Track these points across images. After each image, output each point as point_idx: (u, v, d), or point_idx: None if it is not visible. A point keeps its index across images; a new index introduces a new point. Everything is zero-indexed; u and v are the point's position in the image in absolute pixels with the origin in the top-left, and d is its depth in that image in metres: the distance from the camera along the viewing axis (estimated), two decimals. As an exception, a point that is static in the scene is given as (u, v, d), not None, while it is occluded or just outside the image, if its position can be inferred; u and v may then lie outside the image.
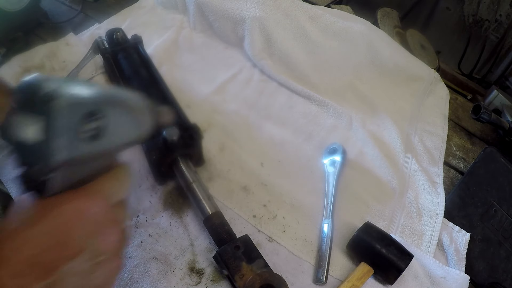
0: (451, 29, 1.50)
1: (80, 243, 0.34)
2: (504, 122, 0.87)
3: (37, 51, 0.85)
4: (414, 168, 0.82)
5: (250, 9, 0.92)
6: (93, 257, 0.34)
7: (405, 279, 0.64)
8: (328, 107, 0.89)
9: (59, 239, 0.33)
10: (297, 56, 0.93)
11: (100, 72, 0.85)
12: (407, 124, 0.91)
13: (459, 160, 0.90)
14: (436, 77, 1.05)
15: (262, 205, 0.70)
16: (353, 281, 0.61)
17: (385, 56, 0.97)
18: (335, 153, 0.78)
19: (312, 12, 0.95)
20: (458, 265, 0.69)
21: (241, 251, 0.57)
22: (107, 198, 0.37)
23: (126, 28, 0.92)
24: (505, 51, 1.37)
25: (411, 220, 0.74)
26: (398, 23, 1.27)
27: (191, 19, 1.00)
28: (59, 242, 0.33)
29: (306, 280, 0.63)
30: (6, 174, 0.68)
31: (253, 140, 0.80)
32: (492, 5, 1.38)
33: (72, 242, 0.33)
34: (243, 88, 0.90)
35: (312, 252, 0.66)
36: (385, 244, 0.62)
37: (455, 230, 0.73)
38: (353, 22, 0.97)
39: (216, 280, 0.60)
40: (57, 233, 0.33)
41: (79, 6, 1.02)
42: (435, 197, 0.77)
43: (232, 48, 0.98)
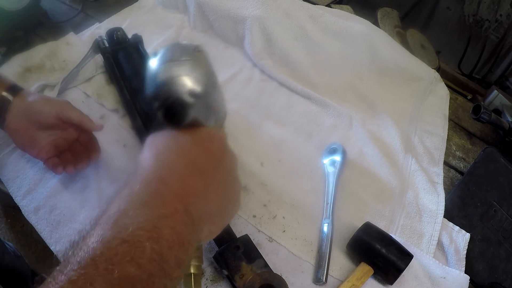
0: (451, 29, 1.50)
1: (220, 156, 0.44)
2: (504, 122, 0.87)
3: (37, 51, 0.85)
4: (414, 168, 0.82)
5: (251, 9, 0.92)
6: (228, 171, 0.44)
7: (405, 279, 0.64)
8: (328, 107, 0.89)
9: (207, 150, 0.43)
10: (297, 55, 0.93)
11: (100, 72, 0.85)
12: (407, 124, 0.91)
13: (459, 160, 0.90)
14: (436, 77, 1.05)
15: (262, 205, 0.70)
16: (353, 281, 0.61)
17: (385, 56, 0.97)
18: (335, 153, 0.78)
19: (312, 12, 0.95)
20: (458, 265, 0.69)
21: (241, 251, 0.57)
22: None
23: (127, 27, 0.92)
24: (505, 51, 1.37)
25: (411, 220, 0.74)
26: (398, 23, 1.27)
27: (191, 19, 1.00)
28: (207, 152, 0.43)
29: (306, 280, 0.63)
30: (6, 173, 0.68)
31: (253, 140, 0.80)
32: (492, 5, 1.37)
33: (215, 153, 0.43)
34: (243, 88, 0.90)
35: (312, 252, 0.66)
36: (385, 244, 0.62)
37: (455, 230, 0.73)
38: (353, 22, 0.97)
39: (216, 280, 0.60)
40: (204, 146, 0.43)
41: (80, 6, 1.02)
42: (435, 197, 0.77)
43: (232, 47, 0.98)
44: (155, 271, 0.31)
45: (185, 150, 0.42)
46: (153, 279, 0.30)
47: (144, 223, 0.32)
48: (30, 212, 0.64)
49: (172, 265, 0.32)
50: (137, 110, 0.73)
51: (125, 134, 0.76)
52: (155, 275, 0.30)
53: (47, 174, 0.68)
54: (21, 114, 0.59)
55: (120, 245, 0.30)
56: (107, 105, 0.80)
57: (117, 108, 0.79)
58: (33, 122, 0.60)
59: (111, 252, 0.30)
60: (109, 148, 0.72)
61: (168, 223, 0.34)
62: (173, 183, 0.38)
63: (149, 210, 0.34)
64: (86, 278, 0.28)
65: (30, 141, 0.62)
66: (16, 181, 0.67)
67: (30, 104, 0.60)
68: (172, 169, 0.39)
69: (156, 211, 0.34)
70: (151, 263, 0.30)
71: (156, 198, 0.36)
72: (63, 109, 0.61)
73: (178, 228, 0.34)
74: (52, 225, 0.63)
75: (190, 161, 0.41)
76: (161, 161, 0.40)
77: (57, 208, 0.64)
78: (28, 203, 0.65)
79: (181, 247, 0.34)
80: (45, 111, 0.60)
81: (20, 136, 0.61)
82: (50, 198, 0.65)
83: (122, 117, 0.78)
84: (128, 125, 0.77)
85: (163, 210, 0.35)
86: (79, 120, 0.63)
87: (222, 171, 0.43)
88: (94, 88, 0.82)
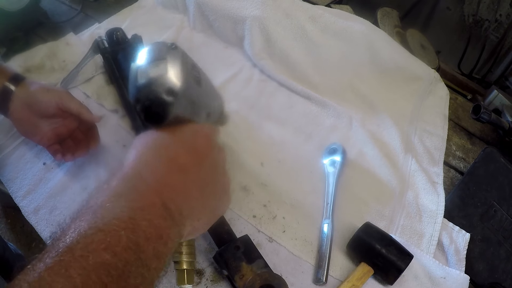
0: (451, 29, 1.50)
1: (204, 152, 0.44)
2: (504, 122, 0.87)
3: (37, 51, 0.85)
4: (414, 168, 0.81)
5: (250, 9, 0.92)
6: (214, 167, 0.45)
7: (405, 279, 0.64)
8: (328, 107, 0.89)
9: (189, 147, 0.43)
10: (297, 56, 0.93)
11: (100, 72, 0.85)
12: (407, 124, 0.91)
13: (459, 160, 0.90)
14: (436, 77, 1.05)
15: (262, 205, 0.70)
16: (353, 281, 0.61)
17: (385, 56, 0.97)
18: (335, 153, 0.78)
19: (312, 12, 0.95)
20: (458, 265, 0.69)
21: (241, 251, 0.57)
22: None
23: (126, 27, 0.92)
24: (505, 51, 1.37)
25: (411, 220, 0.74)
26: (398, 23, 1.27)
27: (191, 19, 1.00)
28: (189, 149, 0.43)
29: (306, 280, 0.63)
30: (6, 174, 0.68)
31: (253, 140, 0.80)
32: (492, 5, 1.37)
33: (198, 150, 0.44)
34: (243, 88, 0.90)
35: (312, 252, 0.66)
36: (385, 244, 0.62)
37: (455, 230, 0.73)
38: (353, 22, 0.97)
39: (216, 280, 0.60)
40: (186, 143, 0.44)
41: (79, 6, 1.02)
42: (435, 197, 0.77)
43: (232, 47, 0.98)
44: (131, 259, 0.31)
45: (165, 148, 0.42)
46: (129, 268, 0.31)
47: (120, 214, 0.33)
48: (30, 213, 0.64)
49: (150, 256, 0.33)
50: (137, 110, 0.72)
51: (125, 135, 0.76)
52: (132, 264, 0.31)
53: (47, 174, 0.68)
54: (23, 103, 0.61)
55: (95, 233, 0.31)
56: (107, 105, 0.80)
57: (116, 108, 0.79)
58: (35, 111, 0.62)
59: (86, 240, 0.30)
60: (109, 148, 0.72)
61: (144, 215, 0.34)
62: (150, 180, 0.38)
63: (125, 202, 0.35)
64: (62, 264, 0.28)
65: (32, 129, 0.64)
66: (16, 182, 0.67)
67: (31, 94, 0.61)
68: (150, 166, 0.40)
69: (132, 203, 0.35)
70: (127, 251, 0.31)
71: (133, 192, 0.36)
72: (62, 100, 0.63)
73: (156, 221, 0.35)
74: (52, 225, 0.63)
75: (170, 158, 0.41)
76: (141, 159, 0.40)
77: (57, 209, 0.64)
78: (28, 203, 0.65)
79: (159, 239, 0.34)
80: (45, 101, 0.62)
81: (22, 124, 0.63)
82: (50, 198, 0.65)
83: (121, 117, 0.78)
84: (127, 125, 0.77)
85: (140, 203, 0.35)
86: (77, 111, 0.64)
87: (207, 167, 0.44)
88: (94, 88, 0.82)
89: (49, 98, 0.62)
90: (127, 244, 0.31)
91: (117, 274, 0.29)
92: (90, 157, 0.69)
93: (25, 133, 0.65)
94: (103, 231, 0.31)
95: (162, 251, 0.34)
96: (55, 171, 0.69)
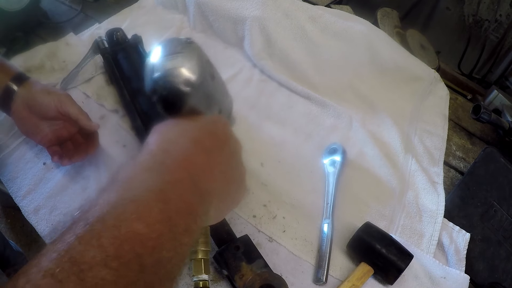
0: (451, 29, 1.50)
1: (224, 139, 0.44)
2: (504, 122, 0.87)
3: (37, 51, 0.85)
4: (414, 168, 0.81)
5: (250, 9, 0.92)
6: (232, 155, 0.45)
7: (405, 279, 0.64)
8: (328, 107, 0.89)
9: (210, 132, 0.43)
10: (297, 56, 0.93)
11: (100, 72, 0.85)
12: (407, 124, 0.91)
13: (459, 160, 0.90)
14: (436, 77, 1.05)
15: (262, 205, 0.70)
16: (353, 281, 0.61)
17: (385, 56, 0.97)
18: (335, 153, 0.78)
19: (312, 12, 0.95)
20: (458, 265, 0.69)
21: (241, 251, 0.57)
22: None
23: (126, 28, 0.92)
24: (505, 51, 1.37)
25: (411, 220, 0.74)
26: (398, 23, 1.27)
27: (191, 19, 1.00)
28: (210, 134, 0.43)
29: (306, 280, 0.63)
30: (6, 173, 0.68)
31: (253, 140, 0.80)
32: (492, 5, 1.37)
33: (219, 135, 0.44)
34: (243, 88, 0.90)
35: (312, 252, 0.66)
36: (385, 244, 0.62)
37: (455, 230, 0.73)
38: (353, 22, 0.97)
39: (216, 280, 0.60)
40: (207, 128, 0.44)
41: (79, 6, 1.02)
42: (435, 197, 0.77)
43: (232, 48, 0.98)
44: (164, 231, 0.30)
45: (189, 131, 0.42)
46: (162, 240, 0.30)
47: (151, 186, 0.32)
48: (30, 213, 0.64)
49: (181, 231, 0.32)
50: (137, 110, 0.73)
51: (125, 135, 0.76)
52: (164, 236, 0.30)
53: (47, 174, 0.68)
54: (25, 104, 0.61)
55: (126, 204, 0.30)
56: (107, 105, 0.80)
57: (116, 108, 0.79)
58: (35, 112, 0.62)
59: (117, 211, 0.29)
60: (109, 148, 0.72)
61: (175, 189, 0.34)
62: (178, 156, 0.38)
63: (155, 176, 0.34)
64: (93, 233, 0.27)
65: (33, 129, 0.64)
66: (16, 182, 0.67)
67: (32, 96, 0.61)
68: (176, 144, 0.39)
69: (162, 177, 0.34)
70: (160, 223, 0.30)
71: (161, 167, 0.36)
72: (62, 104, 0.63)
73: (185, 196, 0.34)
74: (52, 225, 0.63)
75: (194, 140, 0.41)
76: (166, 139, 0.40)
77: (57, 209, 0.64)
78: (28, 203, 0.65)
79: (189, 215, 0.33)
80: (45, 105, 0.62)
81: (24, 124, 0.64)
82: (50, 198, 0.65)
83: (122, 117, 0.78)
84: (128, 125, 0.77)
85: (169, 177, 0.35)
86: (76, 117, 0.64)
87: (227, 153, 0.44)
88: (94, 88, 0.82)
89: (49, 102, 0.62)
90: (159, 216, 0.30)
91: (151, 245, 0.29)
92: (90, 158, 0.69)
93: (26, 133, 0.66)
94: (135, 202, 0.30)
95: (192, 227, 0.33)
96: (55, 171, 0.69)
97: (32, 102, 0.61)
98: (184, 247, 0.32)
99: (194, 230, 0.34)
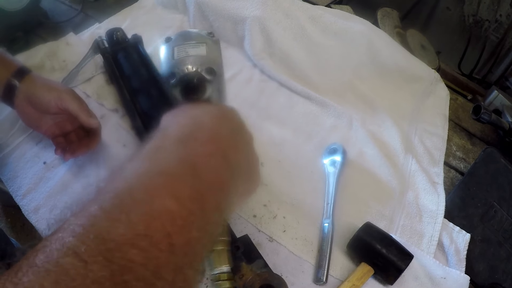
0: (451, 29, 1.50)
1: (240, 123, 0.43)
2: (504, 122, 0.87)
3: (37, 51, 0.85)
4: (414, 168, 0.81)
5: (250, 9, 0.92)
6: (247, 142, 0.44)
7: (405, 279, 0.64)
8: (328, 107, 0.89)
9: (229, 115, 0.42)
10: (297, 56, 0.93)
11: (100, 72, 0.85)
12: (407, 124, 0.91)
13: (459, 161, 0.90)
14: (436, 77, 1.05)
15: (262, 205, 0.70)
16: (353, 281, 0.61)
17: (385, 56, 0.97)
18: (335, 153, 0.78)
19: (312, 12, 0.95)
20: (458, 265, 0.69)
21: (241, 251, 0.57)
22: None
23: (126, 28, 0.92)
24: (505, 52, 1.37)
25: (411, 220, 0.74)
26: (398, 23, 1.27)
27: (191, 19, 1.00)
28: (229, 117, 0.42)
29: (306, 280, 0.63)
30: (7, 173, 0.68)
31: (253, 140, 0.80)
32: (492, 5, 1.37)
33: (236, 120, 0.43)
34: (243, 88, 0.90)
35: (313, 252, 0.66)
36: (385, 244, 0.62)
37: (455, 231, 0.73)
38: (353, 22, 0.97)
39: (216, 280, 0.60)
40: (225, 112, 0.42)
41: (79, 6, 1.02)
42: (435, 198, 0.77)
43: (232, 48, 0.98)
44: (194, 209, 0.28)
45: (212, 111, 0.41)
46: (193, 218, 0.27)
47: (183, 158, 0.30)
48: (30, 212, 0.64)
49: (211, 208, 0.30)
50: (137, 110, 0.73)
51: (125, 134, 0.76)
52: (195, 214, 0.28)
53: (47, 173, 0.68)
54: (26, 99, 0.62)
55: (157, 176, 0.28)
56: (107, 105, 0.80)
57: (117, 108, 0.79)
58: (37, 108, 0.63)
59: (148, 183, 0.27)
60: (109, 148, 0.72)
61: (206, 162, 0.32)
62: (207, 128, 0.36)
63: (186, 147, 0.32)
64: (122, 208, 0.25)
65: (36, 122, 0.65)
66: (16, 181, 0.67)
67: (33, 92, 0.62)
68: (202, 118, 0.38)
69: (193, 149, 0.32)
70: (191, 200, 0.28)
71: (192, 139, 0.34)
72: (62, 101, 0.63)
73: (217, 169, 0.33)
74: (52, 224, 0.63)
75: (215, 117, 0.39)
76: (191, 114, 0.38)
77: (57, 208, 0.64)
78: (28, 202, 0.65)
79: (220, 191, 0.32)
80: (45, 101, 0.62)
81: (27, 118, 0.65)
82: (50, 197, 0.65)
83: (122, 117, 0.78)
84: (128, 125, 0.77)
85: (201, 149, 0.33)
86: (75, 113, 0.64)
87: (244, 137, 0.42)
88: (94, 88, 0.82)
89: (49, 99, 0.62)
90: (191, 191, 0.28)
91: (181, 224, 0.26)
92: (90, 157, 0.69)
93: (30, 125, 0.67)
94: (166, 174, 0.28)
95: (222, 205, 0.32)
96: (55, 170, 0.69)
97: (33, 98, 0.62)
98: (214, 226, 0.30)
99: (224, 208, 0.32)
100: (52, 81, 0.66)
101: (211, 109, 0.41)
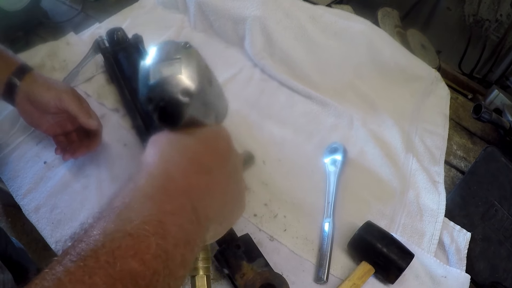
0: (451, 29, 1.50)
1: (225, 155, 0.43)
2: (505, 121, 0.87)
3: (37, 51, 0.85)
4: (415, 167, 0.81)
5: (251, 9, 0.92)
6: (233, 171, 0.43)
7: (406, 278, 0.64)
8: (328, 106, 0.89)
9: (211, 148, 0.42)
10: (297, 55, 0.93)
11: (100, 71, 0.85)
12: (408, 124, 0.91)
13: (460, 160, 0.90)
14: (437, 76, 1.05)
15: (263, 204, 0.70)
16: (354, 280, 0.61)
17: (386, 55, 0.97)
18: (336, 152, 0.78)
19: (312, 12, 0.95)
20: (459, 264, 0.69)
21: (242, 250, 0.57)
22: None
23: (127, 27, 0.92)
24: (505, 51, 1.37)
25: (412, 219, 0.74)
26: (398, 22, 1.27)
27: (191, 19, 1.00)
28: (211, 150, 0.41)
29: (307, 279, 0.63)
30: (7, 172, 0.68)
31: (253, 139, 0.80)
32: (492, 5, 1.37)
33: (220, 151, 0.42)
34: (244, 88, 0.90)
35: (313, 251, 0.66)
36: (386, 243, 0.62)
37: (456, 230, 0.73)
38: (353, 22, 0.97)
39: (216, 279, 0.60)
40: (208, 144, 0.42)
41: (80, 6, 1.02)
42: (436, 196, 0.77)
43: (233, 47, 0.98)
44: (159, 268, 0.29)
45: (189, 148, 0.40)
46: (157, 277, 0.29)
47: (150, 217, 0.31)
48: (31, 211, 0.64)
49: (177, 264, 0.31)
50: (137, 109, 0.73)
51: (126, 134, 0.76)
52: (160, 273, 0.29)
53: (48, 173, 0.68)
54: (27, 98, 0.62)
55: (123, 238, 0.29)
56: (108, 104, 0.80)
57: (117, 107, 0.79)
58: (37, 107, 0.63)
59: (113, 245, 0.28)
60: (109, 147, 0.72)
61: (174, 219, 0.32)
62: (179, 179, 0.36)
63: (154, 204, 0.33)
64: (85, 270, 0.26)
65: (37, 121, 0.65)
66: (16, 180, 0.67)
67: (33, 92, 0.62)
68: (177, 165, 0.38)
69: (162, 206, 0.33)
70: (156, 259, 0.29)
71: (161, 193, 0.34)
72: (61, 100, 0.62)
73: (185, 226, 0.33)
74: (52, 224, 0.63)
75: (194, 159, 0.39)
76: (166, 157, 0.38)
77: (57, 207, 0.64)
78: (28, 202, 0.65)
79: (187, 245, 0.32)
80: (45, 101, 0.62)
81: (28, 116, 0.65)
82: (50, 197, 0.65)
83: (122, 116, 0.78)
84: (128, 124, 0.77)
85: (169, 206, 0.33)
86: (75, 114, 0.64)
87: (228, 171, 0.42)
88: (95, 87, 0.82)
89: (48, 98, 0.62)
90: (156, 251, 0.29)
91: (144, 284, 0.27)
92: (90, 156, 0.69)
93: (31, 124, 0.67)
94: (132, 235, 0.29)
95: (188, 258, 0.33)
96: (55, 170, 0.69)
97: (32, 97, 0.62)
98: (179, 281, 0.32)
99: (190, 260, 0.33)
100: (53, 80, 0.66)
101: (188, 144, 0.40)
